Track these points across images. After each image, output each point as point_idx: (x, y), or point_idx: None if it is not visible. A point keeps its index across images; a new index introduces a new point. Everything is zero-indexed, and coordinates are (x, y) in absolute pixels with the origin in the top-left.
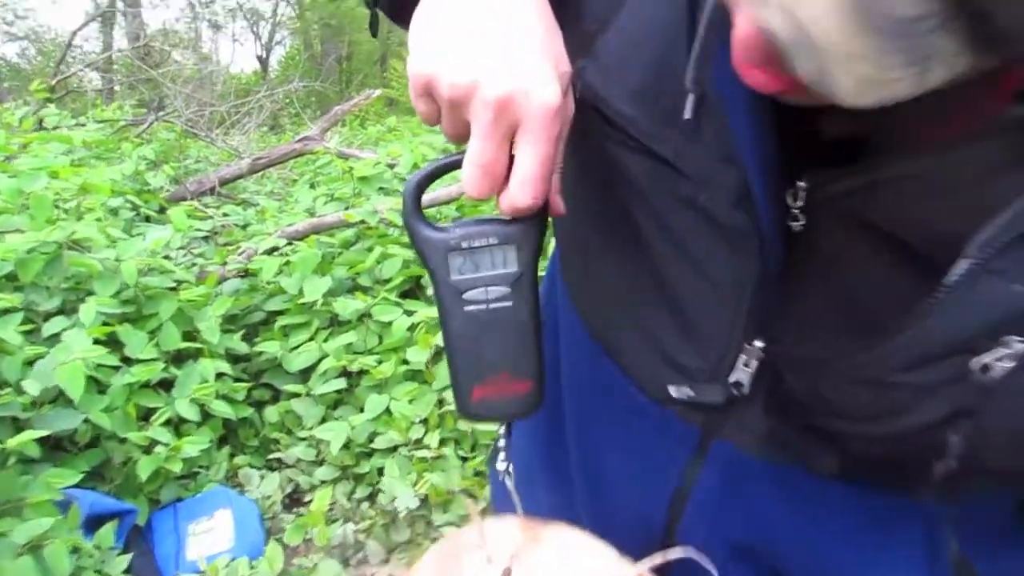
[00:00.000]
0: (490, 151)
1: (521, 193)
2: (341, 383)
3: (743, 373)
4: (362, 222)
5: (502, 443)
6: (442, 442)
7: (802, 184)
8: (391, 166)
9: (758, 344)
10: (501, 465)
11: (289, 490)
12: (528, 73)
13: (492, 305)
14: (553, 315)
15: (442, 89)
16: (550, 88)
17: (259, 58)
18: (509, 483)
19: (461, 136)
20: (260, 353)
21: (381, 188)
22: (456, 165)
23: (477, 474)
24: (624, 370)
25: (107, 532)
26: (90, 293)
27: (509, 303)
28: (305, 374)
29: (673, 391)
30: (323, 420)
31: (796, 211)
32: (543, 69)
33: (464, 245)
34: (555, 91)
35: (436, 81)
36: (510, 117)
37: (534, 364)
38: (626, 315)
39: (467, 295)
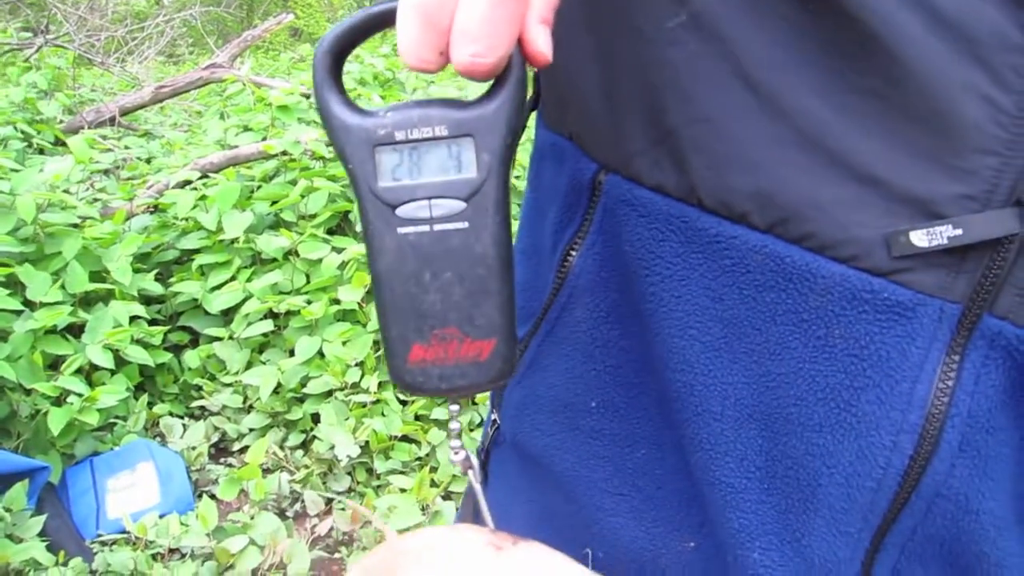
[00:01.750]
0: None
1: (462, 47)
2: (267, 325)
3: None
4: (284, 153)
5: (454, 425)
6: (381, 385)
7: None
8: (306, 96)
9: None
10: (456, 455)
11: (215, 439)
12: None
13: (439, 227)
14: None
15: None
16: None
17: None
18: (473, 479)
19: None
20: (176, 294)
21: (299, 119)
22: (386, 17)
23: (418, 418)
24: (802, 240)
25: (17, 493)
26: None
27: (463, 224)
28: (227, 316)
29: (920, 238)
30: (249, 365)
31: None
32: None
33: (399, 137)
34: None
35: None
36: None
37: (498, 315)
38: (796, 139)
39: (402, 211)
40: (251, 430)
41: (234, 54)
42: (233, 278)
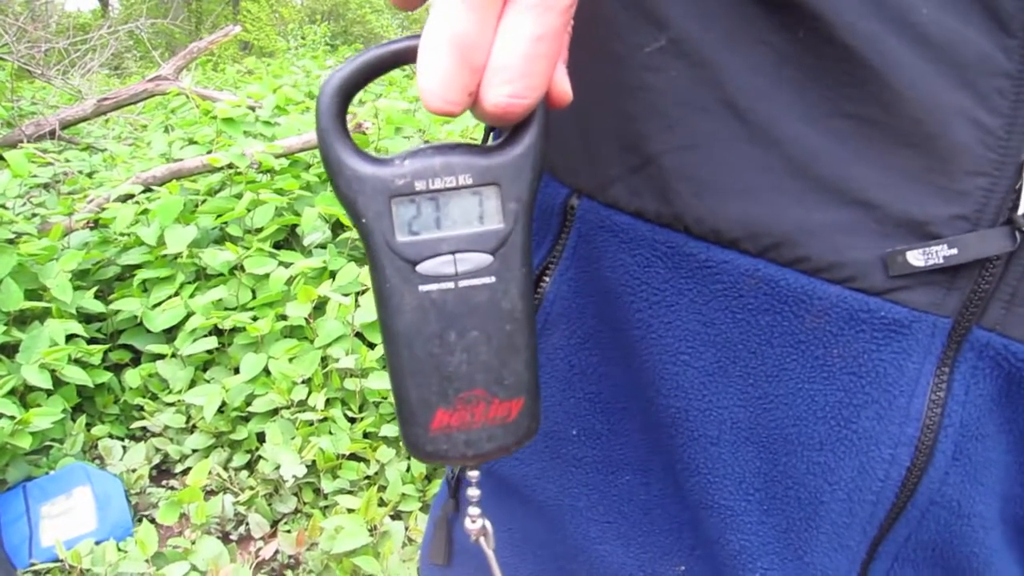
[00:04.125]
0: (473, 19)
1: (499, 86)
2: (211, 342)
3: None
4: (230, 166)
5: (474, 493)
6: (328, 403)
7: None
8: (252, 108)
9: None
10: (473, 523)
11: (157, 461)
12: None
13: (464, 283)
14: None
15: None
16: None
17: None
18: (487, 547)
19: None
20: (117, 311)
21: (246, 132)
22: (406, 55)
23: (367, 436)
24: (796, 263)
25: None
26: None
27: (490, 279)
28: (170, 333)
29: (916, 257)
30: (192, 383)
31: None
32: None
33: (419, 187)
34: None
35: None
36: None
37: (528, 372)
38: (784, 161)
39: (424, 267)
40: (194, 451)
41: (179, 66)
42: (176, 294)
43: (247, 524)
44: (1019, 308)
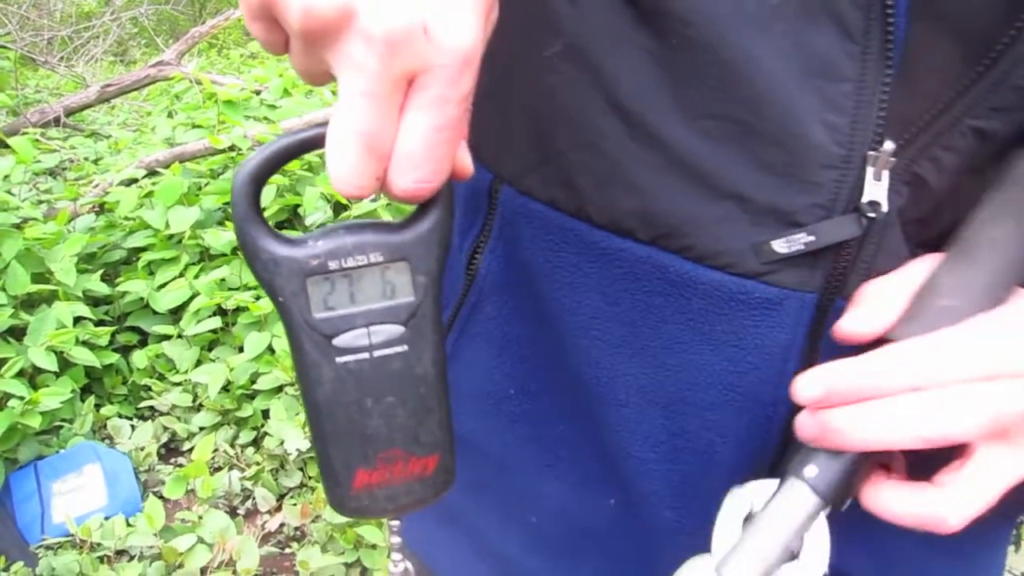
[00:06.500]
0: (376, 114)
1: (406, 174)
2: (216, 322)
3: (876, 189)
4: (232, 148)
5: (396, 540)
6: None
7: None
8: (257, 92)
9: (888, 146)
10: (396, 567)
11: (165, 439)
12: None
13: (378, 353)
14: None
15: (290, 15)
16: (464, 24)
17: None
18: None
19: (320, 77)
20: (124, 294)
21: (248, 116)
22: (314, 143)
23: None
24: (682, 251)
25: None
26: None
27: (403, 348)
28: (175, 314)
29: (781, 246)
30: (198, 363)
31: None
32: None
33: (332, 266)
34: (471, 29)
35: (280, 3)
36: (405, 63)
37: (440, 431)
38: (664, 161)
39: (340, 340)
40: (201, 429)
41: (182, 51)
42: (181, 275)
43: (254, 498)
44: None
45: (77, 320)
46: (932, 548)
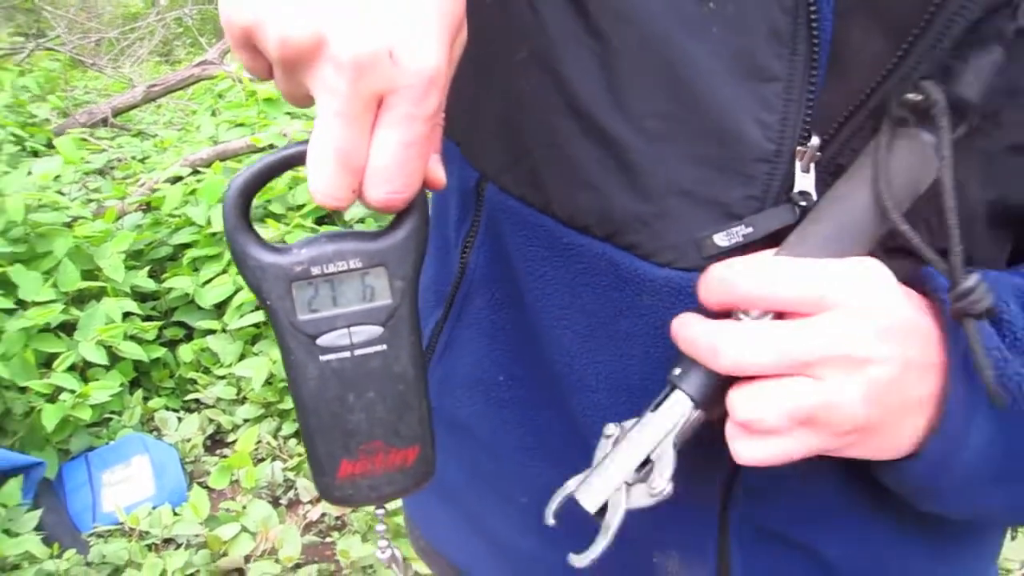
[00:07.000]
0: (349, 132)
1: (378, 187)
2: (258, 316)
3: (805, 180)
4: (271, 146)
5: (380, 527)
6: None
7: None
8: None
9: (814, 141)
10: (383, 553)
11: (210, 431)
12: (395, 25)
13: (359, 352)
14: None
15: (269, 44)
16: (428, 48)
17: None
18: (399, 572)
19: (302, 100)
20: (169, 290)
21: (288, 112)
22: (296, 159)
23: None
24: (631, 248)
25: (12, 488)
26: None
27: (382, 347)
28: (220, 309)
29: (721, 239)
30: (242, 356)
31: None
32: (418, 19)
33: (315, 271)
34: (434, 52)
35: (259, 33)
36: (373, 85)
37: (419, 425)
38: (606, 164)
39: (323, 340)
40: (245, 421)
41: (224, 50)
42: (224, 271)
43: (296, 489)
44: None
45: (125, 315)
46: (907, 536)
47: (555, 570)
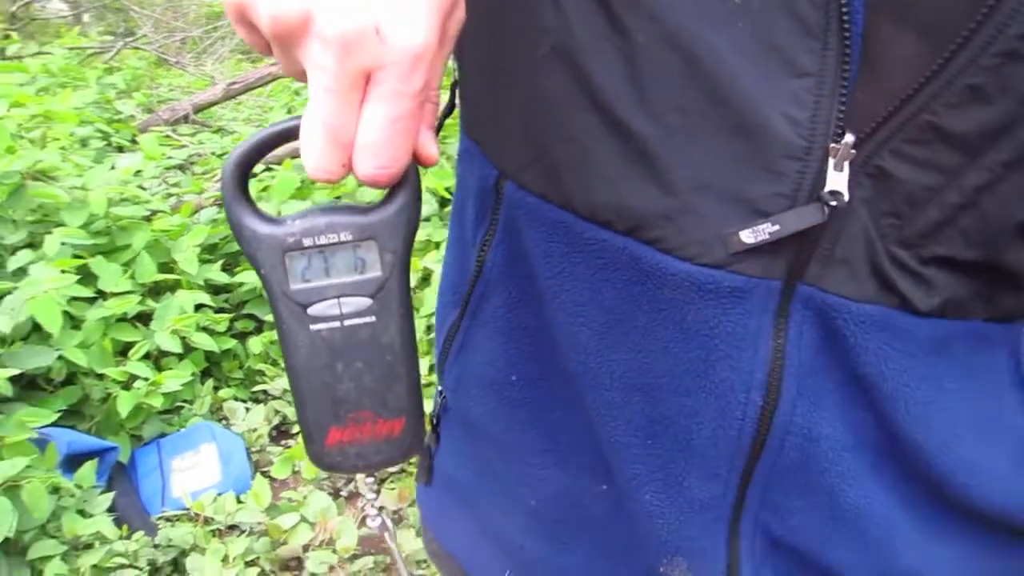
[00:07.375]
0: (337, 108)
1: (366, 161)
2: None
3: (837, 180)
4: None
5: (371, 494)
6: (431, 368)
7: None
8: None
9: (848, 139)
10: (373, 521)
11: (276, 422)
12: (383, 2)
13: (348, 322)
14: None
15: (261, 21)
16: (415, 25)
17: None
18: (390, 541)
19: (301, 76)
20: (241, 283)
21: None
22: (290, 134)
23: None
24: (655, 243)
25: (87, 471)
26: (59, 225)
27: (371, 318)
28: None
29: (747, 236)
30: None
31: None
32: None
33: (307, 243)
34: (421, 29)
35: (251, 11)
36: (360, 61)
37: (407, 396)
38: (636, 152)
39: (314, 310)
40: None
41: None
42: None
43: (355, 481)
44: (831, 266)
45: (198, 307)
46: (931, 560)
47: (560, 574)
